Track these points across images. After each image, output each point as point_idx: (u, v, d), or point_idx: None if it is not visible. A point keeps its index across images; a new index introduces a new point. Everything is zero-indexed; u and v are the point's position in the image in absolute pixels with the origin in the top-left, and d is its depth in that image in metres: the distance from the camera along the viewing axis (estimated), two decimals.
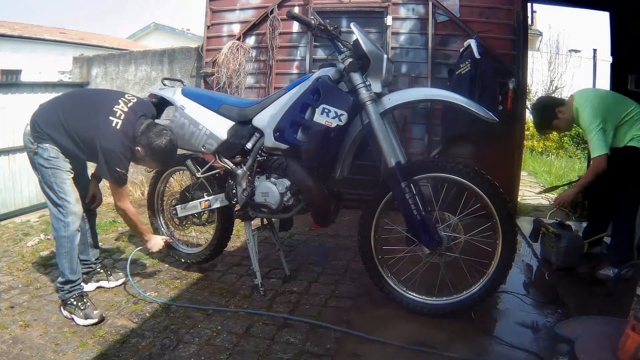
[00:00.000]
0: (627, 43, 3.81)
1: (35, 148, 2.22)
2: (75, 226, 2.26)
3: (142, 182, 5.13)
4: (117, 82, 5.29)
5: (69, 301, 2.25)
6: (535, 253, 3.24)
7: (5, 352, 1.96)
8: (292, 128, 2.27)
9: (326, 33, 2.18)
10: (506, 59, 4.07)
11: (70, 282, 2.27)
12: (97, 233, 2.68)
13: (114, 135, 2.20)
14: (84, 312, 2.21)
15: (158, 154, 2.30)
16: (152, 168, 2.49)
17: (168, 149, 2.32)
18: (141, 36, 18.57)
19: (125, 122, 2.24)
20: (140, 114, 2.32)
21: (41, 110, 2.31)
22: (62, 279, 2.29)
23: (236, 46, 4.70)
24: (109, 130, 2.19)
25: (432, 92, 2.42)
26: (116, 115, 2.23)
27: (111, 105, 2.26)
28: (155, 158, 2.33)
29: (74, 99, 2.39)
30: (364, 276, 2.56)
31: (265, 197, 2.42)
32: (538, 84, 15.14)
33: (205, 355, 1.95)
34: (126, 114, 2.26)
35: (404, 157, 2.21)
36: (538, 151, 10.21)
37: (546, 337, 2.10)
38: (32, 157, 2.27)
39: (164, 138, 2.28)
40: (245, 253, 3.04)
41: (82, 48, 12.81)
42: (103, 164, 2.19)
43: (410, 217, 2.16)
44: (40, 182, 2.28)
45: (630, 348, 1.59)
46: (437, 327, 2.17)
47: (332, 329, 2.15)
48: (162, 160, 2.39)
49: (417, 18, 4.34)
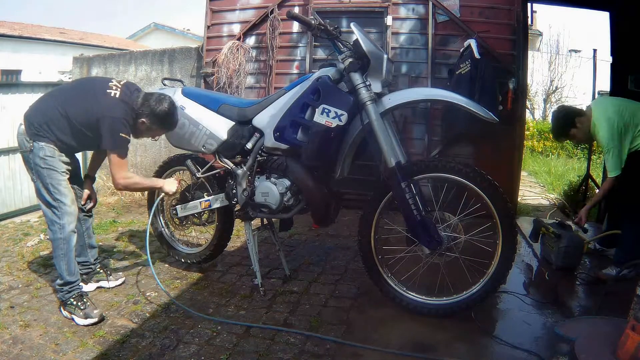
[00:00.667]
0: (627, 43, 3.81)
1: (31, 146, 2.22)
2: (71, 227, 2.26)
3: None
4: None
5: (68, 301, 2.25)
6: (536, 253, 3.24)
7: (5, 352, 1.96)
8: (292, 128, 2.27)
9: (326, 33, 2.18)
10: (506, 59, 4.07)
11: (69, 284, 2.28)
12: (94, 233, 2.68)
13: (114, 103, 2.25)
14: (84, 311, 2.21)
15: (163, 118, 2.35)
16: (158, 135, 2.51)
17: (171, 112, 2.37)
18: (141, 36, 18.57)
19: (122, 93, 2.29)
20: (133, 89, 2.36)
21: (34, 108, 2.31)
22: (60, 281, 2.29)
23: (236, 46, 4.70)
24: (108, 101, 2.24)
25: (432, 92, 2.42)
26: (112, 89, 2.29)
27: (104, 86, 2.31)
28: (161, 124, 2.38)
29: (66, 91, 2.39)
30: (364, 276, 2.56)
31: (265, 197, 2.42)
32: (538, 84, 15.20)
33: (205, 355, 1.95)
34: (121, 88, 2.31)
35: (404, 157, 2.21)
36: (538, 151, 10.20)
37: (546, 337, 2.10)
38: (27, 157, 2.27)
39: (165, 102, 2.33)
40: (245, 253, 3.04)
41: (82, 48, 12.82)
42: (107, 133, 2.21)
43: (410, 217, 2.16)
44: (36, 184, 2.28)
45: (630, 348, 1.59)
46: (437, 327, 2.17)
47: (331, 329, 2.15)
48: (168, 124, 2.42)
49: (417, 18, 4.34)
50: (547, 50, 15.49)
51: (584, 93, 13.83)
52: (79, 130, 2.25)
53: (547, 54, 15.37)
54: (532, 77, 14.48)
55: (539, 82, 15.23)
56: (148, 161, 5.21)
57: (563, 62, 15.19)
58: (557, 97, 15.37)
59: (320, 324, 2.21)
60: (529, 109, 13.79)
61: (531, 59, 10.78)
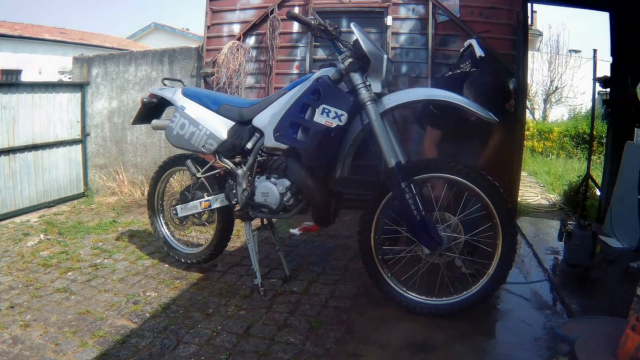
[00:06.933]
0: (627, 43, 3.81)
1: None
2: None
3: (142, 182, 5.15)
4: (118, 82, 5.30)
5: None
6: (536, 253, 3.24)
7: (5, 352, 1.96)
8: (292, 128, 2.27)
9: (326, 33, 2.18)
10: (506, 59, 4.07)
11: None
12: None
13: None
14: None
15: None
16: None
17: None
18: (141, 36, 18.60)
19: None
20: None
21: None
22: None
23: (236, 46, 4.70)
24: None
25: (432, 92, 2.42)
26: None
27: None
28: None
29: None
30: (364, 276, 2.56)
31: (266, 197, 2.42)
32: (538, 84, 15.17)
33: (205, 355, 1.95)
34: None
35: (404, 157, 2.21)
36: (538, 151, 10.21)
37: (546, 337, 2.10)
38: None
39: None
40: (245, 253, 3.04)
41: (82, 48, 12.83)
42: None
43: (410, 217, 2.16)
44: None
45: (630, 348, 1.59)
46: (437, 327, 2.17)
47: (331, 329, 2.15)
48: None
49: (417, 18, 4.34)
50: (547, 50, 15.50)
51: (583, 93, 13.85)
52: None
53: (547, 54, 15.37)
54: (532, 77, 14.49)
55: (539, 82, 15.23)
56: (148, 161, 5.21)
57: (563, 62, 15.19)
58: (557, 97, 15.37)
59: (320, 324, 2.21)
60: (529, 109, 13.79)
61: (531, 59, 10.77)
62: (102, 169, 5.34)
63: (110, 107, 5.33)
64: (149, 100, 2.85)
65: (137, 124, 3.03)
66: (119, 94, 5.30)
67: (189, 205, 2.78)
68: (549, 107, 15.41)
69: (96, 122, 5.35)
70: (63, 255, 3.16)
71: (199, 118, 2.59)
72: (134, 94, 5.22)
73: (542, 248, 3.36)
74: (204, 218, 2.82)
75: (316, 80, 2.23)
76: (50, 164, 4.78)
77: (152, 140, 5.20)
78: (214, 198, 2.69)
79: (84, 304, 2.43)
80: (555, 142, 10.39)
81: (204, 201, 2.72)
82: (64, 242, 3.49)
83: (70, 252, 3.24)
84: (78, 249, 3.32)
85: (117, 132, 5.32)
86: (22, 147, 4.40)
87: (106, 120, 5.34)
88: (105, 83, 5.33)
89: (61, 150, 4.96)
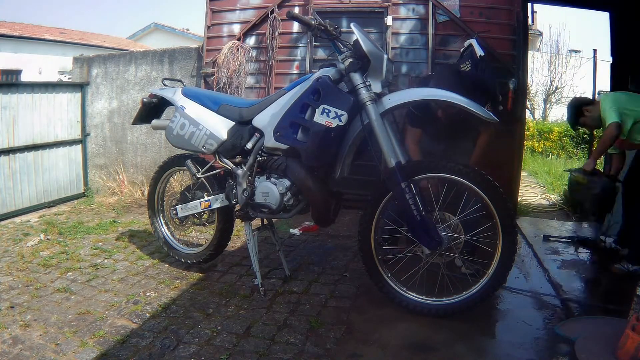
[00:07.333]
0: (627, 43, 3.81)
1: None
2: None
3: (142, 182, 5.15)
4: (118, 82, 5.30)
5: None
6: (536, 253, 3.24)
7: (5, 352, 1.96)
8: (292, 128, 2.27)
9: (326, 33, 2.18)
10: (506, 59, 4.07)
11: None
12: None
13: None
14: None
15: None
16: None
17: None
18: (141, 36, 18.59)
19: None
20: None
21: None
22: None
23: (236, 46, 4.70)
24: None
25: (432, 92, 2.42)
26: None
27: None
28: None
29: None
30: (364, 276, 2.56)
31: (266, 197, 2.42)
32: (538, 84, 15.17)
33: (205, 356, 1.95)
34: None
35: (404, 157, 2.21)
36: (538, 151, 10.20)
37: (546, 337, 2.10)
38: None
39: None
40: (245, 253, 3.04)
41: (82, 48, 12.82)
42: None
43: (410, 217, 2.16)
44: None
45: (630, 348, 1.59)
46: (437, 327, 2.17)
47: (331, 329, 2.15)
48: None
49: (417, 18, 4.34)
50: (547, 50, 15.50)
51: (583, 93, 13.85)
52: None
53: (547, 54, 15.37)
54: (532, 77, 14.48)
55: (539, 82, 15.22)
56: (148, 161, 5.21)
57: (563, 62, 15.18)
58: (557, 97, 15.37)
59: (320, 324, 2.21)
60: (529, 109, 13.78)
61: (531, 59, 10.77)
62: (102, 169, 5.34)
63: (110, 107, 5.33)
64: (149, 100, 2.86)
65: (137, 124, 3.03)
66: (119, 94, 5.30)
67: (189, 205, 2.78)
68: (549, 107, 15.40)
69: (96, 122, 5.35)
70: (63, 255, 3.16)
71: (199, 118, 2.59)
72: (134, 94, 5.22)
73: (542, 248, 3.36)
74: (204, 218, 2.82)
75: (316, 80, 2.23)
76: (50, 164, 4.78)
77: (152, 140, 5.20)
78: (214, 198, 2.69)
79: (84, 304, 2.43)
80: (556, 142, 10.38)
81: (204, 201, 2.72)
82: (64, 242, 3.49)
83: (71, 252, 3.24)
84: (78, 249, 3.33)
85: (117, 132, 5.32)
86: (22, 147, 4.41)
87: (106, 120, 5.34)
88: (105, 83, 5.33)
89: (61, 150, 4.96)
